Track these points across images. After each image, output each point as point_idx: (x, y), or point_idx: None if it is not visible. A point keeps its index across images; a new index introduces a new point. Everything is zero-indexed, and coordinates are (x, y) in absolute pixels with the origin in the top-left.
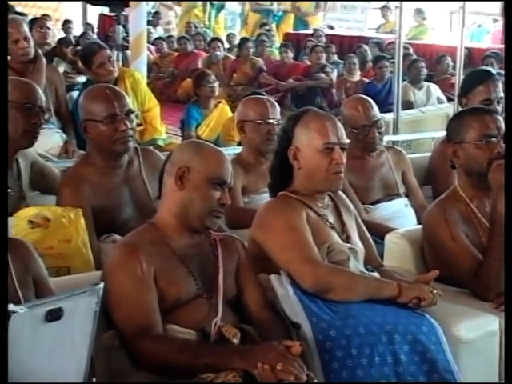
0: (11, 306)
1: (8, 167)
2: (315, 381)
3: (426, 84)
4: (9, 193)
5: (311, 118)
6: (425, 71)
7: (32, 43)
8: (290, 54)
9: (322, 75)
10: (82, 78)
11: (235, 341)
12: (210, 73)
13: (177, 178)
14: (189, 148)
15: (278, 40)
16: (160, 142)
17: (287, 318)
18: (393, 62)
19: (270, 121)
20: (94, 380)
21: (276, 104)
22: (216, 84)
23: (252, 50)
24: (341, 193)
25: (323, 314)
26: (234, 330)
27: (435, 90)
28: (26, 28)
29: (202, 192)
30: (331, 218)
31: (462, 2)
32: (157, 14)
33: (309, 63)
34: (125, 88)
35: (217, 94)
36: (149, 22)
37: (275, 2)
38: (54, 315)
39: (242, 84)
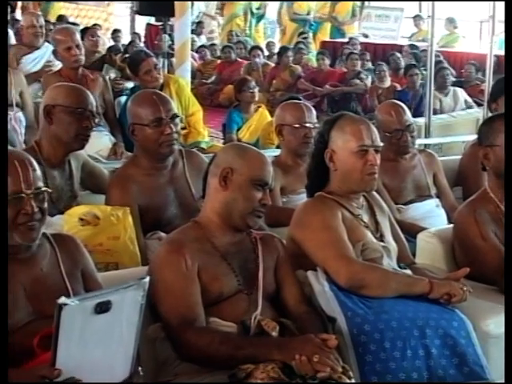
0: (63, 299)
1: (60, 168)
2: (350, 373)
3: (451, 89)
4: (61, 192)
5: (346, 122)
6: (451, 78)
7: (83, 51)
8: (327, 61)
9: (357, 81)
10: (129, 84)
11: (274, 334)
12: (251, 79)
13: (221, 179)
14: (233, 150)
15: (314, 48)
16: (203, 145)
17: (323, 312)
18: (425, 69)
19: (307, 125)
20: (140, 369)
21: (312, 108)
22: (256, 90)
23: (290, 59)
24: (375, 193)
25: (358, 309)
26: (273, 324)
27: (461, 93)
28: (78, 36)
29: (245, 192)
30: (365, 218)
31: (491, 12)
32: (200, 23)
33: (344, 70)
34: (170, 93)
35: (257, 99)
36: (193, 31)
37: (312, 12)
38: (103, 307)
39: (280, 90)
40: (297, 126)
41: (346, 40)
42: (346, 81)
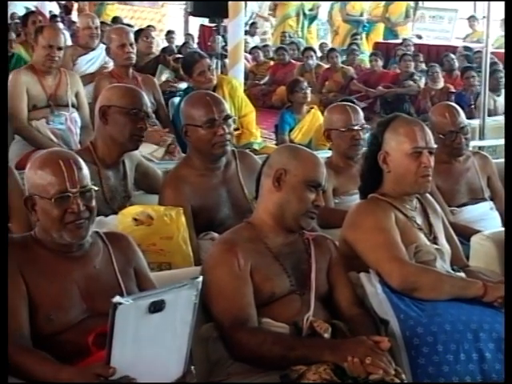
0: (117, 298)
1: (115, 168)
2: (403, 375)
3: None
4: (115, 192)
5: (400, 124)
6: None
7: (135, 50)
8: (380, 63)
9: (411, 83)
10: (183, 85)
11: (326, 335)
12: (303, 80)
13: (274, 180)
14: (286, 151)
15: (367, 49)
16: (255, 146)
17: (376, 314)
18: (479, 71)
19: (354, 127)
20: (193, 368)
21: (359, 109)
22: (308, 90)
23: (339, 59)
24: (428, 195)
25: (410, 312)
26: (326, 325)
27: None
28: (131, 36)
29: (298, 194)
30: (419, 220)
31: None
32: (253, 24)
33: (398, 71)
34: (223, 94)
35: (309, 99)
36: (246, 32)
37: (365, 13)
38: (156, 307)
39: (333, 91)
40: (343, 129)
41: (399, 41)
42: (399, 82)
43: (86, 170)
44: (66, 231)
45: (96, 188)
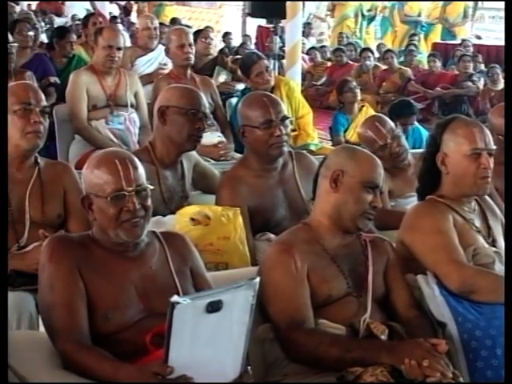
0: (175, 298)
1: (173, 168)
2: (460, 379)
3: None
4: (173, 192)
5: (459, 125)
6: None
7: (194, 51)
8: (438, 63)
9: (469, 84)
10: (240, 86)
11: (383, 337)
12: (351, 79)
13: (331, 181)
14: (343, 152)
15: (425, 50)
16: (312, 147)
17: (433, 317)
18: None
19: (388, 141)
20: (249, 368)
21: (389, 120)
22: (358, 90)
23: (395, 60)
24: (487, 197)
25: (468, 315)
26: (382, 327)
27: None
28: (191, 36)
29: (356, 195)
30: (477, 222)
31: None
32: (308, 25)
33: (456, 72)
34: (280, 95)
35: (359, 98)
36: (302, 33)
37: (423, 14)
38: (214, 307)
39: (390, 92)
40: (381, 144)
41: (458, 42)
42: (458, 83)
43: (141, 170)
44: (121, 230)
45: (151, 187)
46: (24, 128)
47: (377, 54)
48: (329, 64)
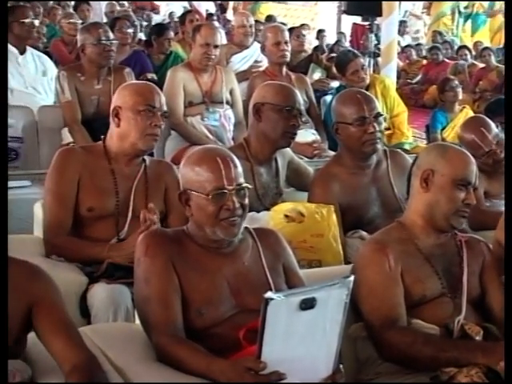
0: (269, 294)
1: (267, 165)
2: None
3: None
4: (267, 188)
5: None
6: None
7: (290, 49)
8: None
9: None
10: (334, 84)
11: (478, 338)
12: (454, 78)
13: (422, 181)
14: (434, 151)
15: None
16: (406, 146)
17: None
18: None
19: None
20: (341, 366)
21: (490, 122)
22: (459, 89)
23: (492, 58)
24: None
25: None
26: (477, 329)
27: None
28: (286, 34)
29: (447, 194)
30: None
31: None
32: (404, 22)
33: None
34: (375, 94)
35: (460, 98)
36: (397, 31)
37: None
38: (307, 304)
39: (487, 91)
40: (486, 150)
41: None
42: None
43: (240, 168)
44: (219, 227)
45: (250, 186)
46: (145, 129)
47: (473, 52)
48: (424, 62)
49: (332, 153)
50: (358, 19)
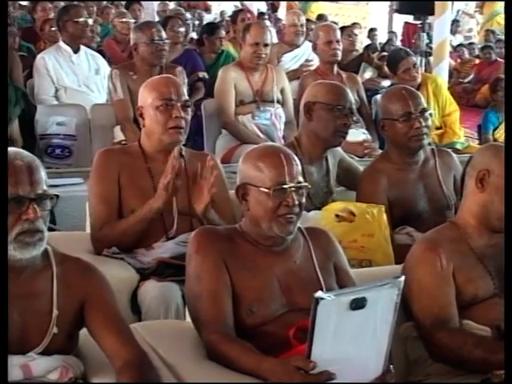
0: (319, 293)
1: (318, 164)
2: None
3: None
4: (318, 188)
5: None
6: None
7: (341, 48)
8: None
9: None
10: (386, 83)
11: None
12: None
13: (477, 181)
14: (489, 151)
15: None
16: (458, 146)
17: None
18: None
19: None
20: (392, 367)
21: None
22: None
23: None
24: None
25: None
26: None
27: None
28: (338, 33)
29: (503, 194)
30: None
31: None
32: (456, 21)
33: None
34: (427, 93)
35: None
36: (449, 30)
37: None
38: (358, 304)
39: None
40: None
41: None
42: None
43: (300, 167)
44: (276, 223)
45: (309, 186)
46: (166, 123)
47: None
48: (477, 61)
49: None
50: (409, 18)
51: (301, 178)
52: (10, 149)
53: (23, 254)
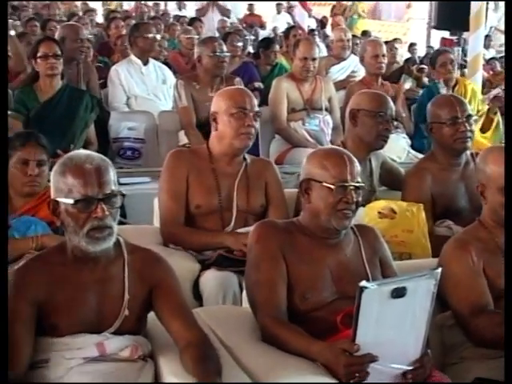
0: (364, 283)
1: (362, 165)
2: None
3: None
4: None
5: None
6: None
7: (386, 62)
8: None
9: None
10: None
11: None
12: None
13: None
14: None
15: None
16: None
17: None
18: None
19: None
20: (429, 351)
21: None
22: None
23: None
24: None
25: None
26: None
27: None
28: (384, 48)
29: None
30: None
31: None
32: (488, 37)
33: None
34: (464, 93)
35: None
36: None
37: None
38: (398, 293)
39: None
40: None
41: None
42: None
43: (359, 168)
44: (334, 217)
45: (365, 187)
46: (238, 129)
47: None
48: None
49: (414, 153)
50: (446, 34)
51: (359, 179)
52: (82, 152)
53: (95, 248)
